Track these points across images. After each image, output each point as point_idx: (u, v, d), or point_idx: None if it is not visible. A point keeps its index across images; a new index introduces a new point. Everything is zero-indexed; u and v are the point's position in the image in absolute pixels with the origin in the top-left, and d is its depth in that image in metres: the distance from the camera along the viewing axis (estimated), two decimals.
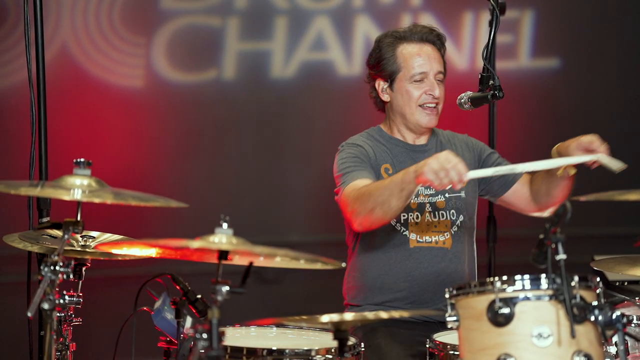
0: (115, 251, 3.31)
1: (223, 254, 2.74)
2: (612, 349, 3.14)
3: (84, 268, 3.46)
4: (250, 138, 5.68)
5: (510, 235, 4.07)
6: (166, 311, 3.38)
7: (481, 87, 3.75)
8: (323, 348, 3.18)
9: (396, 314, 3.00)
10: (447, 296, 2.85)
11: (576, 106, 6.09)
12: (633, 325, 3.43)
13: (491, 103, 4.14)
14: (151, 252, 2.99)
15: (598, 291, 2.79)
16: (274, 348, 3.15)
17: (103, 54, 5.42)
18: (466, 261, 3.79)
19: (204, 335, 2.62)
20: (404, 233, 3.72)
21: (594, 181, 5.98)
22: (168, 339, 3.43)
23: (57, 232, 3.33)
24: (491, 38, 3.77)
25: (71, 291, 3.19)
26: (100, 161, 3.29)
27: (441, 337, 3.34)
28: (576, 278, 2.73)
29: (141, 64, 5.51)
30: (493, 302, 2.73)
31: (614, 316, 2.65)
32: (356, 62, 5.73)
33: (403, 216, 3.71)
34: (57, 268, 2.82)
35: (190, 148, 5.61)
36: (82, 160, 2.95)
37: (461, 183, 3.23)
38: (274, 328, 3.52)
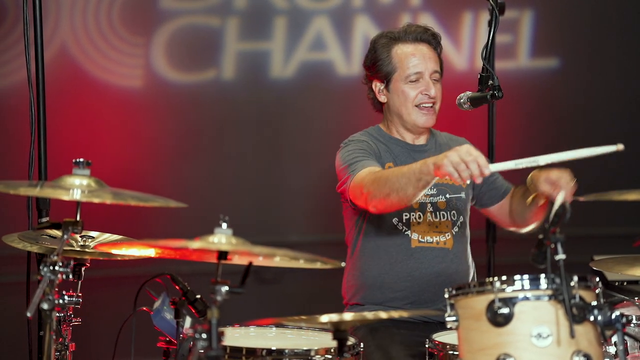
0: (114, 251, 3.31)
1: (222, 254, 2.74)
2: (612, 349, 3.14)
3: (84, 268, 3.46)
4: (249, 138, 5.68)
5: (509, 235, 4.06)
6: (165, 311, 3.38)
7: (480, 87, 3.75)
8: (322, 348, 3.18)
9: (395, 314, 3.00)
10: (447, 296, 2.85)
11: (575, 106, 6.09)
12: (632, 325, 3.43)
13: (490, 103, 4.14)
14: (150, 252, 2.99)
15: (597, 291, 2.79)
16: (274, 348, 3.15)
17: (102, 54, 5.42)
18: (466, 262, 3.80)
19: (203, 335, 2.62)
20: (406, 233, 3.73)
21: (594, 181, 6.01)
22: (167, 339, 3.43)
23: (57, 232, 3.33)
24: (490, 38, 3.77)
25: (70, 291, 3.19)
26: (99, 161, 3.29)
27: (441, 337, 3.34)
28: (575, 278, 2.73)
29: (140, 64, 5.51)
30: (492, 302, 2.73)
31: (613, 316, 2.65)
32: (355, 62, 5.73)
33: (405, 216, 3.72)
34: (57, 268, 2.82)
35: (189, 148, 5.61)
36: (82, 160, 2.95)
37: (482, 177, 3.12)
38: (273, 328, 3.52)
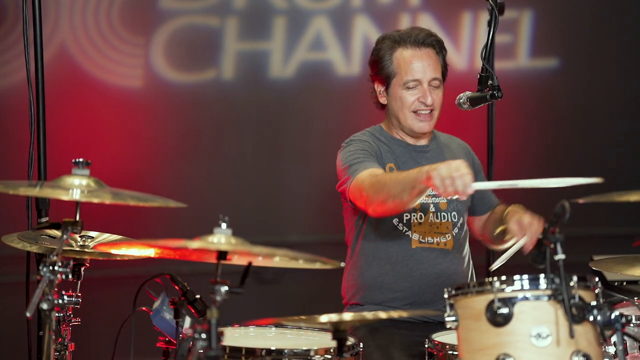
0: (114, 251, 3.31)
1: (222, 254, 2.74)
2: (611, 349, 3.14)
3: (83, 268, 3.46)
4: (249, 138, 5.68)
5: None
6: (165, 311, 3.38)
7: (480, 87, 3.75)
8: (322, 348, 3.18)
9: (395, 314, 3.00)
10: (446, 296, 2.85)
11: (575, 106, 6.09)
12: (632, 325, 3.43)
13: (490, 103, 4.14)
14: (150, 252, 2.99)
15: (597, 291, 2.79)
16: (273, 348, 3.15)
17: (102, 54, 5.42)
18: (465, 263, 3.81)
19: (203, 335, 2.62)
20: (407, 233, 3.73)
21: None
22: (167, 339, 3.43)
23: (56, 232, 3.33)
24: (490, 38, 3.77)
25: (70, 291, 3.19)
26: (99, 161, 3.29)
27: (440, 337, 3.34)
28: (575, 278, 2.73)
29: (140, 64, 5.51)
30: (492, 302, 2.73)
31: (613, 316, 2.65)
32: (355, 62, 5.73)
33: (406, 216, 3.72)
34: (56, 268, 2.82)
35: (189, 148, 5.61)
36: (81, 160, 2.95)
37: (465, 195, 3.20)
38: (273, 328, 3.52)
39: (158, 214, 5.44)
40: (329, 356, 3.16)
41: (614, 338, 2.78)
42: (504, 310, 2.72)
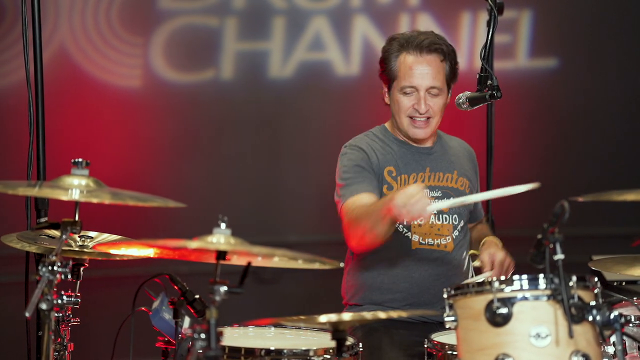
0: (113, 251, 3.31)
1: (221, 254, 2.74)
2: (610, 349, 3.14)
3: (82, 268, 3.45)
4: (248, 138, 5.68)
5: (508, 235, 4.06)
6: (164, 311, 3.38)
7: (479, 87, 3.75)
8: (321, 348, 3.18)
9: (394, 314, 3.00)
10: (445, 296, 2.85)
11: (574, 106, 6.09)
12: (631, 325, 3.43)
13: (489, 103, 4.14)
14: (149, 252, 2.99)
15: (596, 291, 2.79)
16: (272, 348, 3.15)
17: (101, 54, 5.42)
18: (465, 265, 3.81)
19: (202, 335, 2.62)
20: (407, 235, 3.72)
21: (594, 181, 6.01)
22: (166, 339, 3.43)
23: (55, 232, 3.33)
24: (489, 38, 3.77)
25: (69, 291, 3.18)
26: (98, 161, 3.29)
27: (439, 337, 3.34)
28: (574, 278, 2.73)
29: (139, 64, 5.51)
30: (491, 302, 2.73)
31: (612, 316, 2.65)
32: (354, 62, 5.73)
33: None
34: (55, 268, 2.81)
35: (188, 148, 5.61)
36: (80, 160, 2.95)
37: (424, 218, 3.31)
38: (272, 328, 3.52)
39: (157, 214, 5.43)
40: (328, 356, 3.16)
41: (613, 338, 2.78)
42: (503, 310, 2.72)
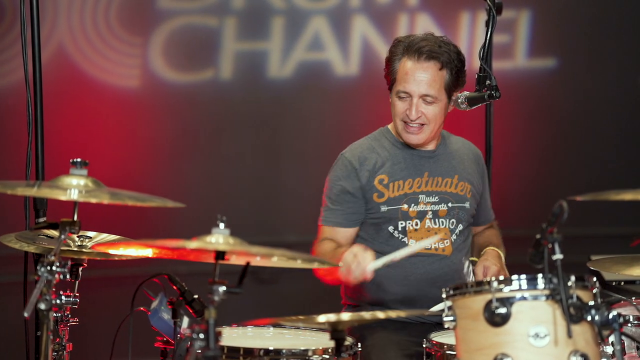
0: (112, 251, 3.31)
1: (220, 254, 2.74)
2: (609, 349, 3.14)
3: (81, 268, 3.46)
4: (247, 138, 5.68)
5: (507, 235, 4.06)
6: (163, 311, 3.38)
7: (478, 87, 3.75)
8: (320, 348, 3.18)
9: (393, 314, 3.00)
10: (444, 296, 2.86)
11: (573, 106, 6.09)
12: (629, 325, 3.43)
13: (488, 103, 4.14)
14: (148, 252, 2.99)
15: (595, 291, 2.80)
16: (271, 348, 3.15)
17: (100, 54, 5.42)
18: (465, 268, 3.79)
19: (201, 335, 2.62)
20: (403, 239, 3.72)
21: (593, 181, 6.02)
22: (165, 339, 3.43)
23: (54, 232, 3.33)
24: (488, 38, 3.77)
25: (68, 291, 3.19)
26: (97, 161, 3.29)
27: (438, 337, 3.35)
28: (573, 278, 2.74)
29: (138, 64, 5.51)
30: (490, 302, 2.73)
31: (611, 316, 2.66)
32: (353, 62, 5.73)
33: (401, 224, 3.71)
34: (54, 268, 2.82)
35: (187, 148, 5.61)
36: (79, 160, 2.95)
37: (365, 277, 3.34)
38: (271, 328, 3.52)
39: (156, 214, 5.43)
40: (327, 356, 3.16)
41: (612, 338, 2.78)
42: (502, 310, 2.72)
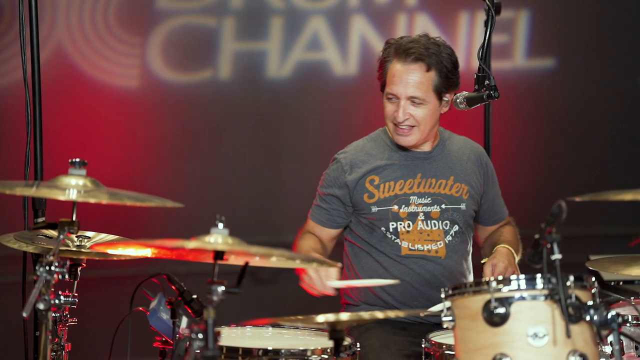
0: (110, 251, 3.31)
1: (219, 254, 2.74)
2: (608, 349, 3.14)
3: (80, 268, 3.46)
4: (246, 138, 5.68)
5: None
6: (162, 311, 3.38)
7: (477, 87, 3.75)
8: (319, 348, 3.18)
9: (392, 314, 3.00)
10: (443, 296, 2.86)
11: (572, 106, 6.09)
12: (628, 325, 3.43)
13: (487, 103, 4.14)
14: (147, 252, 2.99)
15: (593, 291, 2.80)
16: (270, 348, 3.15)
17: (98, 54, 5.42)
18: (460, 271, 3.78)
19: (200, 335, 2.62)
20: (396, 241, 3.72)
21: (593, 181, 6.02)
22: (164, 339, 3.43)
23: (53, 232, 3.32)
24: (487, 38, 3.77)
25: (66, 291, 3.18)
26: (95, 161, 3.29)
27: (437, 337, 3.35)
28: (571, 278, 2.74)
29: (137, 64, 5.51)
30: (489, 302, 2.73)
31: (609, 316, 2.66)
32: (352, 62, 5.73)
33: (392, 225, 3.70)
34: (53, 268, 2.81)
35: (186, 148, 5.61)
36: (78, 160, 2.94)
37: (325, 291, 3.41)
38: (270, 328, 3.52)
39: (155, 214, 5.43)
40: (326, 356, 3.16)
41: (611, 338, 2.78)
42: (501, 310, 2.72)
